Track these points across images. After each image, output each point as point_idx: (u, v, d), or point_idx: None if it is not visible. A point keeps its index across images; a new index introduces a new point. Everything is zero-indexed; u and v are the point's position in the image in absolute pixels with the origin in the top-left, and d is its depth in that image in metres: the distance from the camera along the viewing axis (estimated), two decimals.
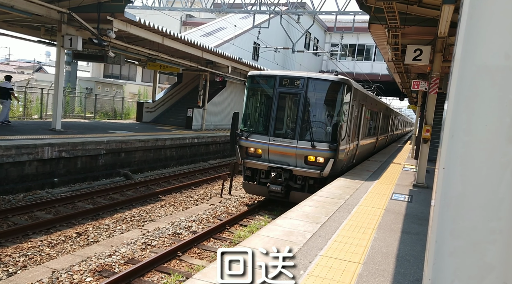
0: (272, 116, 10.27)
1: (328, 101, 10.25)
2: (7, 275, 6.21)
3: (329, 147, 9.77)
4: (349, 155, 11.32)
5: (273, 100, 10.26)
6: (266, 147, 10.25)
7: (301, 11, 21.47)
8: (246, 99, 11.03)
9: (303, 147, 9.88)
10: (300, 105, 9.98)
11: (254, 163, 10.55)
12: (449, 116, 1.36)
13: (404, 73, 16.38)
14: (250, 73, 11.00)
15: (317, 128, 10.18)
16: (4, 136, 11.54)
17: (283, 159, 10.17)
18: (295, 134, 10.01)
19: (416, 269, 4.74)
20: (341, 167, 10.55)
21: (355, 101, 10.90)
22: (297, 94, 10.06)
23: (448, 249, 1.35)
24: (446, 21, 8.31)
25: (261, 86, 10.91)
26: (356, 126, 11.83)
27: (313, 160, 9.96)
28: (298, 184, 10.15)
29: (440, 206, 1.36)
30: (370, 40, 30.34)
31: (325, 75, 10.29)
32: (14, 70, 50.45)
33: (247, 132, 10.61)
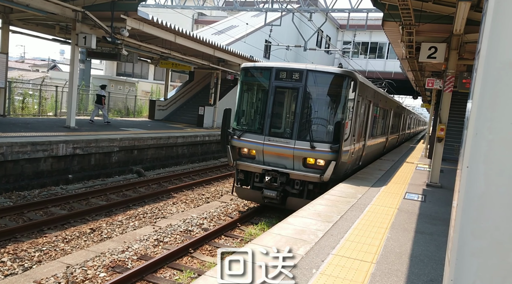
0: (267, 113, 9.22)
1: (330, 96, 9.25)
2: (22, 269, 6.32)
3: (330, 148, 8.75)
4: (354, 157, 10.32)
5: (268, 95, 9.22)
6: (261, 147, 9.23)
7: (314, 8, 21.35)
8: (239, 94, 9.99)
9: (302, 148, 8.89)
10: (299, 101, 8.96)
11: (247, 165, 9.50)
12: (473, 114, 1.33)
13: (418, 71, 16.18)
14: (243, 65, 9.93)
15: (317, 127, 9.21)
16: (20, 133, 11.73)
17: (280, 161, 9.19)
18: (292, 133, 9.00)
19: (430, 270, 4.68)
20: (344, 170, 9.61)
21: (360, 97, 9.87)
22: (296, 89, 9.03)
23: (470, 249, 1.32)
24: (462, 19, 8.18)
25: (255, 79, 9.95)
26: (362, 125, 10.83)
27: (313, 163, 8.96)
28: (295, 189, 9.13)
29: (462, 206, 1.33)
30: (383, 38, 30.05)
31: (326, 67, 9.24)
32: (29, 68, 51.27)
33: (240, 131, 9.55)
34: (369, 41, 38.93)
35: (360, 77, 9.85)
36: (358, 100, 9.69)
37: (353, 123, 9.46)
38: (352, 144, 9.68)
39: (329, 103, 9.29)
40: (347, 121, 9.10)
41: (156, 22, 14.77)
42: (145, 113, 26.43)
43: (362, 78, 10.18)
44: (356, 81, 9.23)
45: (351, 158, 9.86)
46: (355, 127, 9.81)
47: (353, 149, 9.80)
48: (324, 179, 8.74)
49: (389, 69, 36.32)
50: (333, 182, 9.08)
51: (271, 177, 9.08)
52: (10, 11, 14.97)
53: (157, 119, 23.78)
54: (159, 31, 15.72)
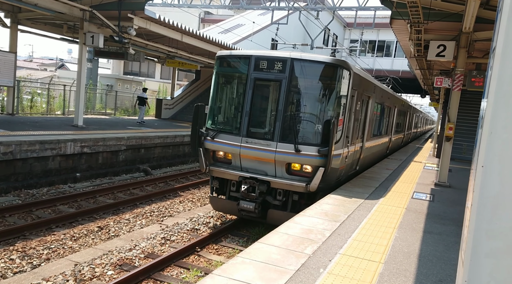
0: (245, 110, 7.97)
1: (318, 90, 7.95)
2: (31, 267, 6.38)
3: (318, 152, 7.49)
4: (349, 161, 9.09)
5: (246, 89, 7.97)
6: (237, 150, 7.99)
7: (321, 7, 21.27)
8: (213, 87, 8.67)
9: (285, 151, 7.64)
10: (282, 95, 7.72)
11: (222, 172, 8.22)
12: (488, 113, 1.30)
13: (426, 70, 16.04)
14: (218, 53, 8.60)
15: (303, 126, 7.94)
16: (28, 131, 11.83)
17: (259, 167, 7.96)
18: (274, 134, 7.74)
19: (439, 270, 4.64)
20: (336, 177, 8.36)
21: (356, 91, 8.61)
22: (278, 81, 7.78)
23: (484, 250, 1.30)
24: (472, 16, 8.10)
25: (232, 70, 8.65)
26: (359, 123, 9.60)
27: (298, 169, 7.77)
28: (278, 200, 7.91)
29: (477, 206, 1.31)
30: (390, 36, 29.88)
31: (314, 56, 7.84)
32: (37, 67, 51.74)
33: (214, 131, 8.28)
34: (376, 40, 38.71)
35: (356, 68, 8.62)
36: (353, 95, 8.41)
37: (346, 122, 8.17)
38: (346, 147, 8.42)
39: (318, 98, 7.96)
40: (339, 119, 7.92)
41: (163, 21, 14.81)
42: (152, 112, 26.55)
43: (358, 70, 8.85)
44: (349, 72, 8.01)
45: (345, 162, 8.59)
46: (350, 126, 8.56)
47: (346, 152, 8.53)
48: (310, 189, 7.51)
49: (397, 67, 36.10)
50: (323, 191, 8.02)
51: (248, 186, 7.81)
52: (19, 11, 15.10)
53: (164, 118, 23.88)
54: (166, 30, 15.77)
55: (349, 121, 8.49)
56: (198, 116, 8.29)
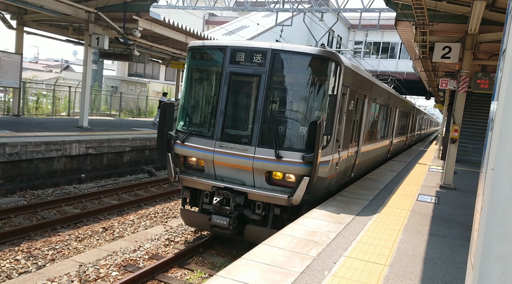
0: (219, 110, 6.98)
1: (303, 86, 6.94)
2: (36, 268, 6.40)
3: (302, 158, 6.53)
4: (341, 168, 8.09)
5: (221, 85, 7.00)
6: (210, 156, 7.01)
7: (325, 8, 21.26)
8: (184, 84, 7.69)
9: (264, 158, 6.65)
10: (261, 92, 6.74)
11: (193, 181, 7.19)
12: (498, 115, 1.29)
13: (431, 72, 15.99)
14: (190, 44, 7.62)
15: (285, 128, 6.95)
16: (34, 133, 11.90)
17: (236, 175, 6.99)
18: (252, 137, 6.76)
19: (445, 273, 4.61)
20: (325, 188, 7.39)
21: (349, 89, 7.66)
22: (257, 76, 6.80)
23: (494, 253, 1.29)
24: (477, 18, 8.07)
25: (205, 63, 7.70)
26: (353, 126, 8.66)
27: (280, 178, 6.84)
28: (256, 214, 6.90)
29: (487, 209, 1.30)
30: (395, 38, 29.80)
31: (299, 47, 6.90)
32: (42, 68, 52.07)
33: (184, 134, 7.31)
34: (381, 41, 38.63)
35: (348, 62, 7.69)
36: (344, 93, 7.45)
37: (336, 124, 7.20)
38: (336, 152, 7.44)
39: (302, 95, 6.98)
40: (328, 120, 6.99)
41: (167, 23, 14.87)
42: (156, 114, 26.63)
43: (351, 64, 7.93)
44: (339, 66, 7.02)
45: (335, 170, 7.60)
46: (341, 129, 7.59)
47: (337, 159, 7.54)
48: (293, 202, 6.51)
49: (401, 69, 35.99)
50: (311, 204, 7.12)
51: (221, 198, 6.79)
52: (24, 12, 15.21)
53: None
54: (171, 31, 15.83)
55: (340, 123, 7.51)
56: (166, 116, 7.39)
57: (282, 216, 6.95)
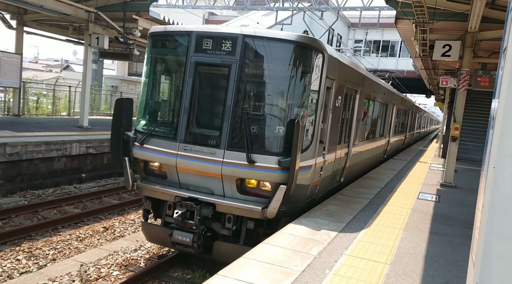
0: (183, 106, 6.09)
1: (279, 79, 6.08)
2: (37, 268, 6.41)
3: (278, 163, 5.65)
4: (327, 173, 7.23)
5: (185, 77, 6.10)
6: (173, 160, 6.11)
7: (325, 7, 21.25)
8: (144, 76, 6.78)
9: (234, 163, 5.78)
10: (231, 86, 5.86)
11: (153, 190, 6.28)
12: (499, 113, 1.29)
13: (431, 70, 15.98)
14: (151, 30, 6.71)
15: (259, 128, 6.02)
16: (34, 132, 11.90)
17: (203, 183, 6.10)
18: (221, 139, 5.87)
19: (446, 271, 4.62)
20: (306, 197, 6.49)
21: (335, 82, 6.75)
22: (226, 66, 5.90)
23: (495, 251, 1.29)
24: (477, 16, 8.06)
25: (167, 52, 6.77)
26: (343, 124, 7.85)
27: (254, 186, 5.99)
28: (227, 229, 6.00)
29: (488, 207, 1.29)
30: (395, 36, 29.78)
31: (274, 32, 6.04)
32: (42, 68, 52.08)
33: (143, 134, 6.41)
34: (381, 40, 38.59)
35: (334, 51, 6.80)
36: (329, 87, 6.54)
37: (319, 122, 6.25)
38: (320, 155, 6.55)
39: (279, 89, 6.12)
40: (310, 118, 6.14)
41: (167, 22, 14.85)
42: None
43: (338, 54, 7.04)
44: (322, 55, 6.10)
45: (319, 176, 6.72)
46: (326, 128, 6.72)
47: (321, 162, 6.66)
48: (267, 215, 5.63)
49: (402, 67, 35.96)
50: (291, 215, 6.24)
51: (184, 210, 5.84)
52: (24, 12, 15.21)
53: None
54: None
55: (325, 122, 6.61)
56: (123, 114, 6.45)
57: (257, 230, 6.04)
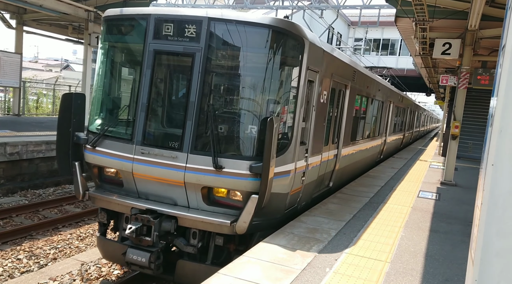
0: (140, 102, 5.28)
1: (251, 70, 5.28)
2: (38, 267, 6.42)
3: (250, 169, 4.89)
4: (312, 178, 6.45)
5: (143, 68, 5.30)
6: (128, 166, 5.32)
7: (325, 5, 21.23)
8: (98, 67, 5.89)
9: (199, 168, 5.01)
10: (195, 79, 5.06)
11: (107, 200, 5.47)
12: (497, 111, 1.29)
13: (431, 68, 15.98)
14: (106, 14, 5.78)
15: (228, 128, 5.23)
16: (34, 132, 11.91)
17: (164, 192, 5.31)
18: (183, 141, 5.09)
19: (446, 269, 4.62)
20: (286, 207, 5.69)
21: (319, 75, 5.95)
22: (190, 55, 5.10)
23: (494, 249, 1.29)
24: (477, 14, 8.06)
25: (123, 39, 5.84)
26: (331, 123, 7.14)
27: (224, 195, 5.21)
28: (191, 246, 5.15)
29: (487, 205, 1.30)
30: (395, 34, 29.77)
31: (245, 16, 5.15)
32: (42, 68, 52.11)
33: (95, 135, 5.58)
34: (381, 38, 38.57)
35: (318, 39, 5.94)
36: (312, 80, 5.76)
37: (299, 121, 5.45)
38: (302, 158, 5.75)
39: (250, 83, 5.35)
40: (288, 116, 5.38)
41: None
42: None
43: (323, 43, 6.17)
44: (302, 42, 5.30)
45: (301, 182, 5.90)
46: (309, 127, 5.93)
47: (303, 166, 5.84)
48: (236, 230, 4.88)
49: (402, 66, 35.96)
50: (268, 229, 5.48)
51: (140, 225, 5.00)
52: (24, 12, 15.21)
53: None
54: None
55: (307, 120, 5.82)
56: (72, 112, 5.59)
57: (227, 247, 5.26)
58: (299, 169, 5.68)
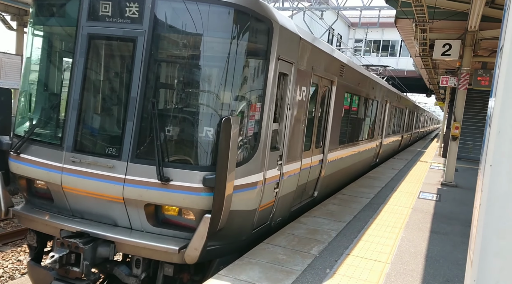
0: (71, 99, 4.40)
1: (206, 59, 4.38)
2: None
3: (203, 181, 4.06)
4: (290, 189, 5.54)
5: (75, 57, 4.42)
6: (57, 177, 4.42)
7: (325, 7, 21.26)
8: (26, 57, 5.07)
9: (141, 181, 4.15)
10: (137, 69, 4.22)
11: (32, 219, 4.55)
12: (496, 112, 1.30)
13: (431, 69, 15.99)
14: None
15: (178, 130, 4.38)
16: None
17: (101, 210, 4.40)
18: (122, 146, 4.23)
19: (446, 270, 4.63)
20: (255, 226, 4.79)
21: (295, 67, 5.06)
22: (131, 41, 4.25)
23: (493, 249, 1.30)
24: (477, 15, 8.07)
25: (54, 22, 4.84)
26: (312, 124, 6.25)
27: (175, 214, 4.33)
28: (134, 277, 4.30)
29: (485, 205, 1.31)
30: (395, 36, 29.81)
31: None
32: None
33: (20, 139, 4.66)
34: (381, 39, 38.61)
35: (293, 24, 5.17)
36: (285, 72, 4.86)
37: (269, 121, 4.55)
38: (274, 166, 4.88)
39: (205, 74, 4.45)
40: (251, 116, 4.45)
41: None
42: None
43: (299, 28, 5.37)
44: (270, 25, 4.42)
45: (274, 194, 5.01)
46: (283, 129, 5.03)
47: (277, 176, 4.97)
48: (186, 258, 4.02)
49: (402, 67, 35.99)
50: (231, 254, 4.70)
51: (66, 252, 4.06)
52: (25, 14, 15.24)
53: None
54: None
55: (281, 120, 4.97)
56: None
57: (179, 277, 4.45)
58: (270, 179, 4.81)
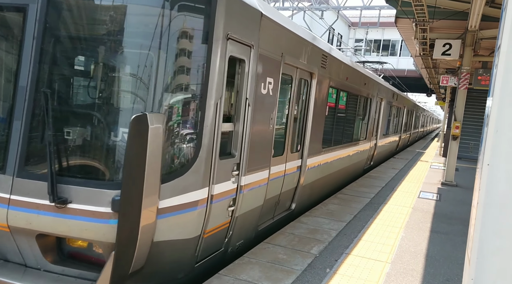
0: None
1: (124, 35, 3.28)
2: None
3: (112, 205, 3.06)
4: (255, 205, 4.66)
5: None
6: None
7: (325, 6, 21.26)
8: None
9: (29, 203, 3.16)
10: (28, 50, 3.23)
11: None
12: (493, 111, 1.31)
13: (432, 69, 15.99)
14: None
15: (81, 133, 3.32)
16: None
17: None
18: (6, 156, 3.24)
19: (446, 269, 4.63)
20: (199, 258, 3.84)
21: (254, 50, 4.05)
22: (20, 11, 3.27)
23: (491, 248, 1.30)
24: (477, 14, 8.07)
25: None
26: (287, 124, 5.36)
27: (84, 246, 3.40)
28: None
29: (483, 204, 1.31)
30: (395, 35, 29.81)
31: None
32: None
33: None
34: (381, 39, 38.59)
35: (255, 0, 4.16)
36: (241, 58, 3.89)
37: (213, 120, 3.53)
38: (228, 178, 3.94)
39: (122, 57, 3.37)
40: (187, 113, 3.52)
41: None
42: None
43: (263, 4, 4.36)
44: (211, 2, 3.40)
45: (231, 213, 4.13)
46: (241, 130, 4.06)
47: (232, 190, 4.05)
48: None
49: (402, 66, 35.98)
50: None
51: None
52: None
53: None
54: None
55: (237, 119, 4.00)
56: None
57: None
58: (221, 195, 3.78)
